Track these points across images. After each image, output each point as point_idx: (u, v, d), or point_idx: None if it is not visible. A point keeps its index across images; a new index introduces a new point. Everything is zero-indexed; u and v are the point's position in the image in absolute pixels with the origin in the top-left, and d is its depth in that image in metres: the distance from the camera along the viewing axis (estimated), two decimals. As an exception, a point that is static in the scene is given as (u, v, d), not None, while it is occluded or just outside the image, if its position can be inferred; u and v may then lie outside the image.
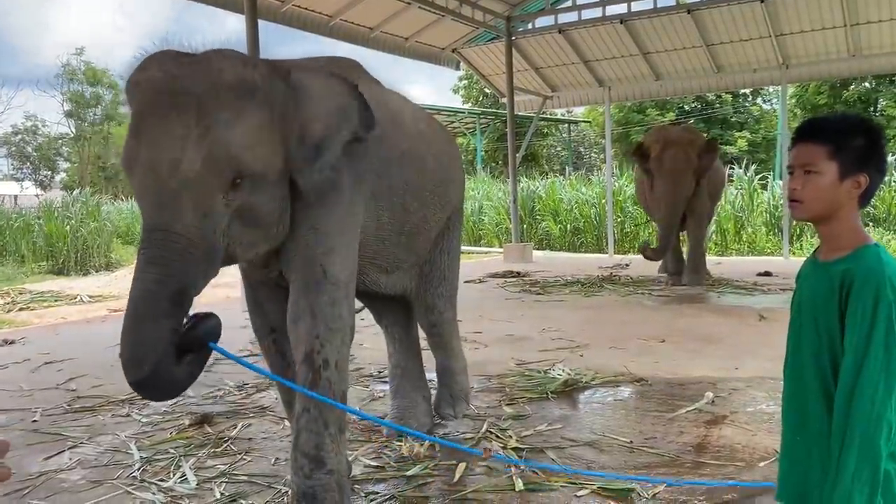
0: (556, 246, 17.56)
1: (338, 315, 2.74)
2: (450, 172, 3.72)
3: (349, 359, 5.18)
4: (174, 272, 2.26)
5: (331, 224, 2.77)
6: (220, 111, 2.32)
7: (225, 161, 2.31)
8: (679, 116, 29.41)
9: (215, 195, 2.32)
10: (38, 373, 5.63)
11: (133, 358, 2.21)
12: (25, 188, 38.17)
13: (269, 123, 2.46)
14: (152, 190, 2.29)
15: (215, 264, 2.41)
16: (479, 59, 15.40)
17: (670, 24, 13.21)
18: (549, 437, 3.77)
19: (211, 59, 2.44)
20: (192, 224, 2.28)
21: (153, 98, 2.33)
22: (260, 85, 2.44)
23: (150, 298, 2.23)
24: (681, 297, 8.52)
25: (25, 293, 11.22)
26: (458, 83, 35.39)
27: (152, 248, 2.26)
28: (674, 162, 8.98)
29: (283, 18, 11.33)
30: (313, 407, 2.68)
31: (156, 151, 2.28)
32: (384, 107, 3.19)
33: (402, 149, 3.25)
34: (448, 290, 3.92)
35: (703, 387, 4.58)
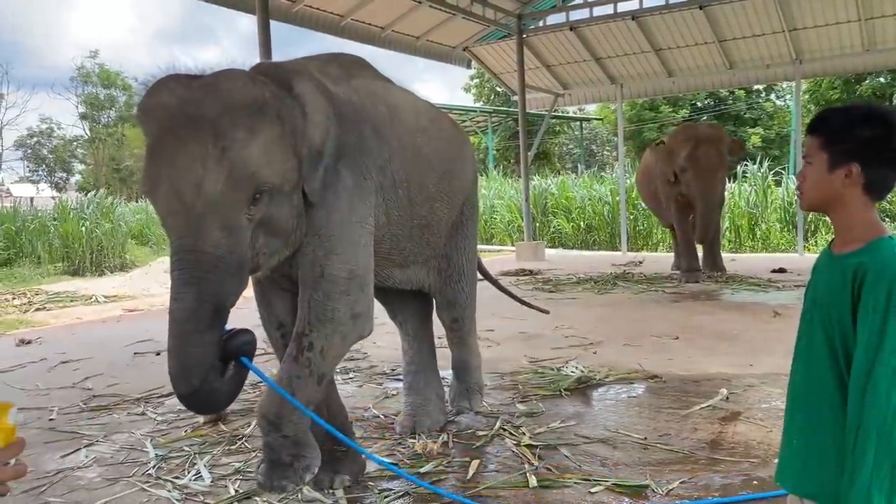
0: (568, 244, 17.51)
1: (331, 308, 2.84)
2: (454, 165, 3.73)
3: (359, 356, 5.18)
4: (210, 290, 2.38)
5: (332, 227, 2.86)
6: (235, 131, 2.42)
7: (245, 178, 2.42)
8: (692, 113, 29.28)
9: (239, 211, 2.44)
10: (55, 372, 5.67)
11: (182, 372, 2.36)
12: (41, 190, 38.51)
13: (281, 137, 2.57)
14: (178, 213, 2.39)
15: (245, 277, 2.54)
16: (490, 57, 15.37)
17: (682, 21, 13.14)
18: (562, 434, 3.76)
19: (220, 80, 2.54)
20: (219, 242, 2.39)
21: (168, 124, 2.43)
22: (270, 101, 2.55)
23: (192, 317, 2.35)
24: (695, 294, 8.48)
25: (42, 294, 11.32)
26: (470, 82, 35.39)
27: (185, 269, 2.38)
28: (708, 159, 9.03)
29: (295, 18, 11.36)
30: (286, 378, 2.81)
31: (177, 176, 2.38)
32: (382, 102, 3.25)
33: (403, 143, 3.29)
34: (468, 286, 3.96)
35: (717, 383, 4.56)
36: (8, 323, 8.62)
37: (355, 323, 2.92)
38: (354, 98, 3.08)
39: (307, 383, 2.81)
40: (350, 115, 2.99)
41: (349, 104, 3.01)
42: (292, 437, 2.86)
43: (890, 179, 1.64)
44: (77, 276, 14.49)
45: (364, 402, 4.45)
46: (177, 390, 2.38)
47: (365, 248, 2.98)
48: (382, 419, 4.11)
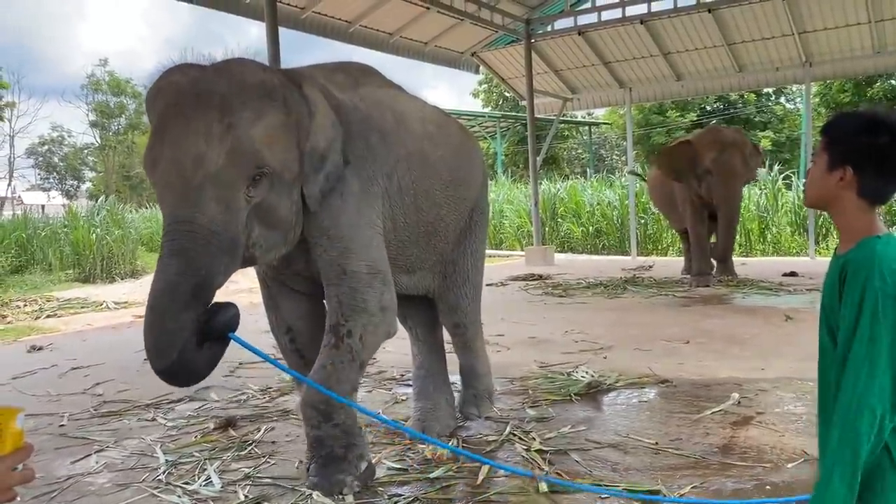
0: (578, 248, 17.48)
1: (361, 299, 2.87)
2: (462, 172, 3.72)
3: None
4: (196, 264, 2.35)
5: (340, 228, 2.89)
6: (242, 110, 2.45)
7: (247, 155, 2.44)
8: (701, 117, 29.19)
9: (237, 188, 2.44)
10: (66, 378, 5.69)
11: (157, 347, 2.35)
12: (52, 198, 38.74)
13: (285, 126, 2.60)
14: (176, 184, 2.39)
15: (236, 258, 2.50)
16: (498, 62, 15.38)
17: (691, 24, 13.12)
18: (573, 439, 3.74)
19: (232, 64, 2.61)
20: (215, 216, 2.38)
21: (177, 100, 2.46)
22: (278, 88, 2.59)
23: (173, 290, 2.33)
24: (705, 299, 8.43)
25: (53, 300, 11.37)
26: (478, 87, 35.41)
27: (176, 240, 2.36)
28: (733, 163, 9.06)
29: (304, 25, 11.40)
30: (331, 364, 2.81)
31: (180, 148, 2.39)
32: (388, 109, 3.28)
33: (409, 150, 3.30)
34: (472, 291, 3.94)
35: (728, 388, 4.52)
36: (19, 330, 8.66)
37: (384, 315, 2.96)
38: (361, 106, 3.10)
39: (351, 367, 2.84)
40: (357, 123, 3.01)
41: (356, 112, 3.04)
42: (342, 426, 2.86)
43: (888, 188, 1.65)
44: (88, 283, 14.56)
45: (374, 408, 4.42)
46: (152, 365, 2.38)
47: (378, 249, 3.01)
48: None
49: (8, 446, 1.30)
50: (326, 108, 2.82)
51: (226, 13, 10.24)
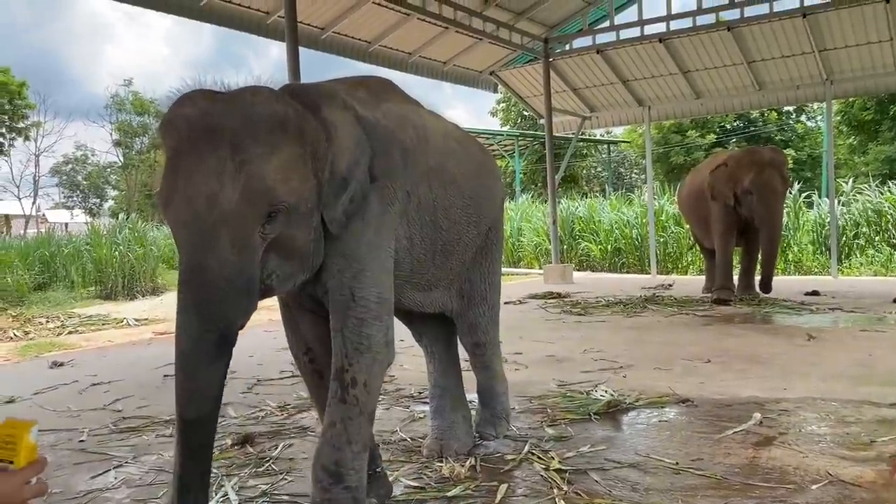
0: (596, 267, 17.41)
1: (365, 335, 2.77)
2: (482, 189, 3.68)
3: (386, 379, 5.15)
4: (216, 316, 2.30)
5: (359, 249, 2.80)
6: (254, 145, 2.37)
7: (261, 193, 2.35)
8: (720, 136, 29.09)
9: (252, 228, 2.36)
10: (86, 394, 5.73)
11: (193, 401, 2.32)
12: (75, 215, 39.28)
13: (301, 157, 2.51)
14: (189, 225, 2.32)
15: (254, 299, 2.44)
16: (516, 81, 15.45)
17: (710, 42, 13.12)
18: (592, 458, 3.69)
19: (244, 95, 2.50)
20: (230, 259, 2.31)
21: (188, 135, 2.38)
22: (292, 119, 2.50)
23: (198, 349, 2.30)
24: (726, 317, 8.35)
25: (75, 317, 11.49)
26: (496, 106, 35.58)
27: (193, 292, 2.30)
28: (773, 183, 9.04)
29: (324, 45, 11.54)
30: (339, 422, 2.73)
31: (193, 187, 2.31)
32: (411, 125, 3.22)
33: (431, 167, 3.24)
34: (490, 310, 3.89)
35: (750, 407, 4.46)
36: (41, 345, 8.75)
37: (387, 350, 2.86)
38: (384, 122, 3.04)
39: (360, 422, 2.75)
40: (379, 140, 2.94)
41: (379, 128, 2.98)
42: (353, 490, 2.74)
43: None
44: (109, 300, 14.68)
45: (391, 426, 4.42)
46: (183, 415, 2.32)
47: (389, 274, 2.95)
48: (409, 442, 4.08)
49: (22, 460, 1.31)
50: (349, 128, 2.75)
51: (247, 34, 10.42)
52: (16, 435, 1.34)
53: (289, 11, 8.42)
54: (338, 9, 11.13)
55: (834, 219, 13.97)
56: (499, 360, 4.12)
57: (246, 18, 10.30)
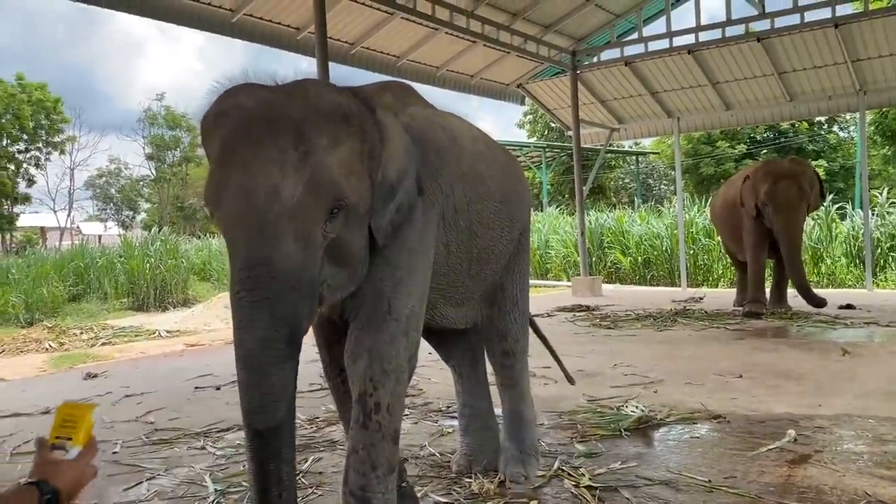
0: (626, 279, 17.28)
1: (395, 355, 2.64)
2: (512, 191, 3.55)
3: (414, 392, 5.15)
4: (284, 313, 2.12)
5: (402, 256, 2.67)
6: (320, 136, 2.23)
7: (326, 186, 2.21)
8: (751, 147, 28.79)
9: (316, 223, 2.20)
10: (119, 406, 5.80)
11: (264, 405, 2.11)
12: (109, 228, 39.95)
13: (360, 155, 2.39)
14: (248, 221, 2.14)
15: (316, 301, 2.28)
16: (544, 93, 15.45)
17: (740, 53, 13.02)
18: (623, 475, 3.66)
19: (305, 85, 2.39)
20: (295, 254, 2.14)
21: (245, 125, 2.23)
22: (356, 114, 2.38)
23: (269, 345, 2.10)
24: (758, 331, 8.24)
25: (108, 328, 11.67)
26: (523, 118, 35.57)
27: (256, 289, 2.11)
28: (788, 195, 8.93)
29: (353, 60, 11.67)
30: (362, 448, 2.62)
31: (250, 179, 2.14)
32: (440, 127, 3.12)
33: (464, 168, 3.13)
34: (520, 317, 3.74)
35: (784, 424, 4.39)
36: (76, 357, 8.89)
37: (410, 364, 2.75)
38: (414, 125, 2.94)
39: (384, 447, 2.64)
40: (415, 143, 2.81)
41: (412, 130, 2.87)
42: None
43: None
44: (141, 312, 14.91)
45: (419, 440, 4.41)
46: (255, 423, 2.13)
47: (426, 282, 2.82)
48: (438, 457, 4.07)
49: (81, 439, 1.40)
50: (400, 135, 2.63)
51: (278, 49, 10.55)
52: (77, 415, 1.43)
53: (319, 27, 8.52)
54: (367, 24, 11.24)
55: (868, 230, 13.74)
56: (527, 379, 3.90)
57: (277, 34, 10.45)
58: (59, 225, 37.36)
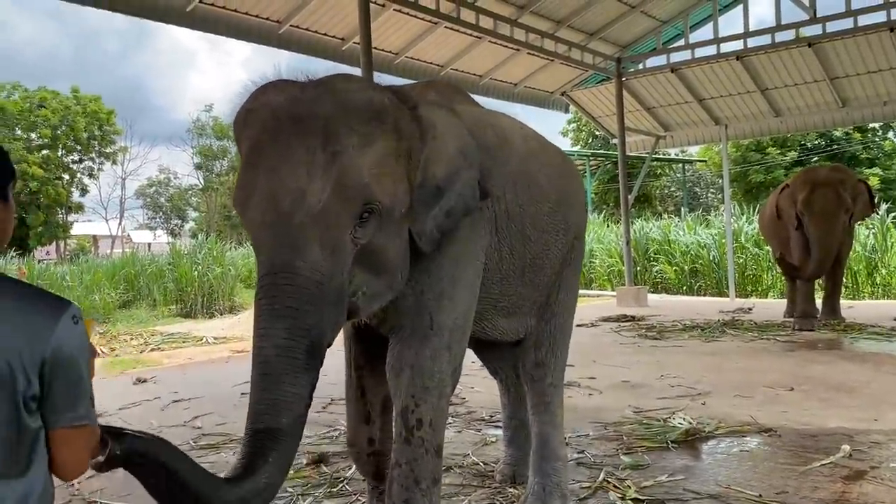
0: (672, 289, 17.02)
1: (437, 370, 2.56)
2: (568, 193, 3.34)
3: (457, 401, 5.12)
4: (306, 323, 2.01)
5: (445, 264, 2.56)
6: (350, 135, 2.12)
7: (355, 188, 2.10)
8: (801, 154, 28.18)
9: (344, 229, 2.10)
10: (167, 410, 5.91)
11: (270, 409, 1.97)
12: (158, 236, 40.86)
13: (395, 154, 2.26)
14: (274, 224, 2.06)
15: (342, 311, 2.17)
16: (588, 101, 15.35)
17: (790, 59, 12.75)
18: (670, 488, 3.59)
19: (336, 81, 2.28)
20: (319, 262, 2.04)
21: (273, 124, 2.14)
22: (390, 111, 2.26)
23: (287, 354, 1.99)
24: (810, 343, 8.03)
25: (157, 335, 11.91)
26: (567, 126, 35.38)
27: (279, 297, 2.01)
28: (824, 203, 8.70)
29: (397, 70, 11.74)
30: (405, 463, 2.57)
31: (277, 181, 2.06)
32: (489, 126, 2.97)
33: (515, 169, 2.96)
34: (557, 331, 3.46)
35: (838, 439, 4.26)
36: (126, 362, 9.09)
37: (453, 378, 2.68)
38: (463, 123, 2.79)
39: (427, 461, 2.58)
40: None
41: None
42: None
43: None
44: (189, 318, 15.18)
45: (463, 449, 4.40)
46: (255, 424, 1.96)
47: (473, 292, 2.71)
48: (482, 466, 4.05)
49: None
50: (454, 134, 2.49)
51: (323, 60, 10.70)
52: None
53: (364, 37, 8.60)
54: (411, 34, 11.32)
55: None
56: (560, 402, 3.51)
57: (322, 45, 10.59)
58: (111, 233, 38.38)
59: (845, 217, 8.88)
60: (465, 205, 2.49)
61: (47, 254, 33.47)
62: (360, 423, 3.02)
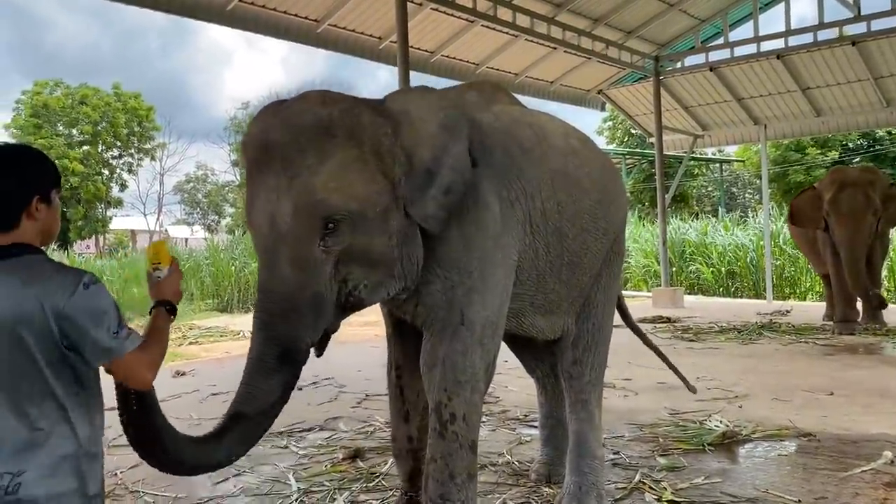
0: (708, 290, 16.80)
1: (469, 365, 2.62)
2: (608, 192, 3.31)
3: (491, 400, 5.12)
4: (278, 333, 2.30)
5: (473, 260, 2.61)
6: (302, 157, 2.31)
7: (311, 207, 2.29)
8: (842, 155, 27.62)
9: (310, 244, 2.30)
10: (206, 403, 6.00)
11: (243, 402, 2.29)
12: (195, 231, 41.40)
13: (357, 160, 2.38)
14: (258, 247, 2.39)
15: (325, 314, 2.38)
16: (625, 99, 15.23)
17: (832, 58, 12.51)
18: (707, 491, 3.57)
19: (291, 105, 2.43)
20: (290, 278, 2.29)
21: (254, 156, 2.41)
22: (338, 122, 2.37)
23: (258, 362, 2.31)
24: (850, 347, 7.88)
25: (195, 328, 12.10)
26: (602, 124, 35.10)
27: (259, 312, 2.34)
28: (851, 203, 8.50)
29: (433, 68, 11.77)
30: (440, 458, 2.62)
31: (257, 209, 2.36)
32: (526, 125, 3.01)
33: (553, 167, 2.96)
34: (595, 329, 3.43)
35: (880, 445, 4.19)
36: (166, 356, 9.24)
37: (487, 374, 2.73)
38: (496, 123, 2.89)
39: (461, 456, 2.62)
40: (494, 135, 2.79)
41: (493, 125, 2.83)
42: None
43: None
44: (225, 313, 15.39)
45: (497, 448, 4.41)
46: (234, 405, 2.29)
47: (505, 290, 2.75)
48: (516, 465, 4.06)
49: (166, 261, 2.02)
50: (430, 115, 2.56)
51: (359, 59, 10.78)
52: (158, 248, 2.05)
53: (401, 36, 8.64)
54: (447, 32, 11.33)
55: None
56: (598, 401, 3.48)
57: (359, 44, 10.65)
58: (149, 228, 38.98)
59: (873, 219, 8.59)
60: (461, 178, 2.55)
61: (87, 248, 34.08)
62: (400, 421, 3.12)
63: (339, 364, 6.92)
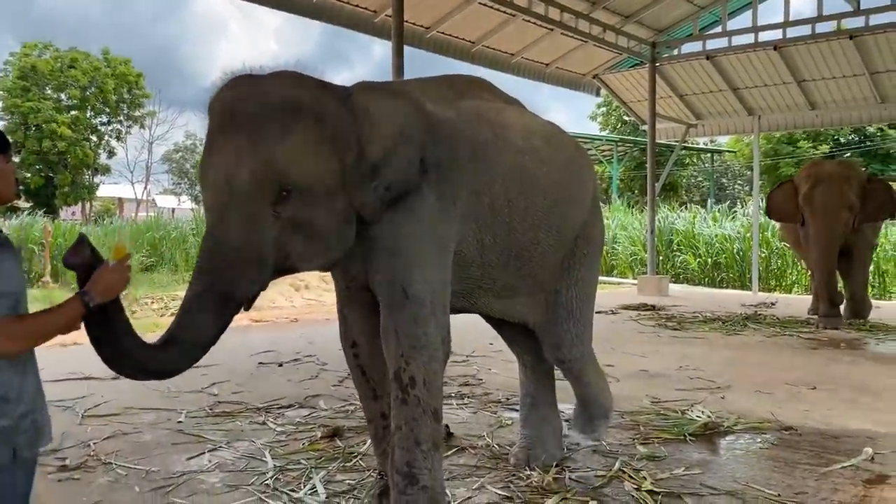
0: (694, 280, 16.84)
1: (421, 333, 2.74)
2: (569, 192, 3.41)
3: (474, 382, 5.11)
4: (222, 279, 2.44)
5: (408, 244, 2.78)
6: (269, 129, 2.49)
7: (270, 174, 2.46)
8: (833, 149, 27.69)
9: (263, 207, 2.47)
10: (184, 376, 5.87)
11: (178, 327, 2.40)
12: (182, 201, 41.09)
13: (318, 140, 2.56)
14: (211, 202, 2.50)
15: (264, 273, 2.55)
16: (620, 85, 15.12)
17: (829, 51, 12.45)
18: (686, 482, 3.54)
19: (266, 80, 2.62)
20: (240, 234, 2.44)
21: (221, 118, 2.55)
22: (308, 104, 2.57)
23: (200, 297, 2.43)
24: (834, 342, 7.90)
25: (178, 299, 11.97)
26: (596, 110, 35.02)
27: (204, 258, 2.48)
28: (825, 199, 8.44)
29: (428, 44, 11.61)
30: (405, 425, 2.72)
31: (216, 167, 2.49)
32: (487, 122, 3.11)
33: (507, 165, 3.10)
34: (576, 327, 3.57)
35: (860, 441, 4.19)
36: (145, 326, 9.11)
37: (444, 346, 2.82)
38: (454, 118, 2.98)
39: (425, 422, 2.72)
40: (443, 136, 2.88)
41: (445, 124, 2.91)
42: (430, 490, 2.71)
43: None
44: (210, 285, 15.26)
45: (478, 430, 4.38)
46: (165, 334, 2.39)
47: (443, 268, 2.86)
48: (496, 449, 4.02)
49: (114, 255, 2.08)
50: (392, 117, 2.72)
51: (354, 32, 10.61)
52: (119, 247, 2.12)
53: (396, 10, 8.51)
54: (444, 8, 11.17)
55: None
56: (593, 370, 3.81)
57: (355, 16, 10.47)
58: (136, 197, 38.62)
59: (849, 216, 8.53)
60: (404, 179, 2.71)
61: (73, 214, 33.76)
62: (370, 401, 3.22)
63: (321, 342, 6.87)
